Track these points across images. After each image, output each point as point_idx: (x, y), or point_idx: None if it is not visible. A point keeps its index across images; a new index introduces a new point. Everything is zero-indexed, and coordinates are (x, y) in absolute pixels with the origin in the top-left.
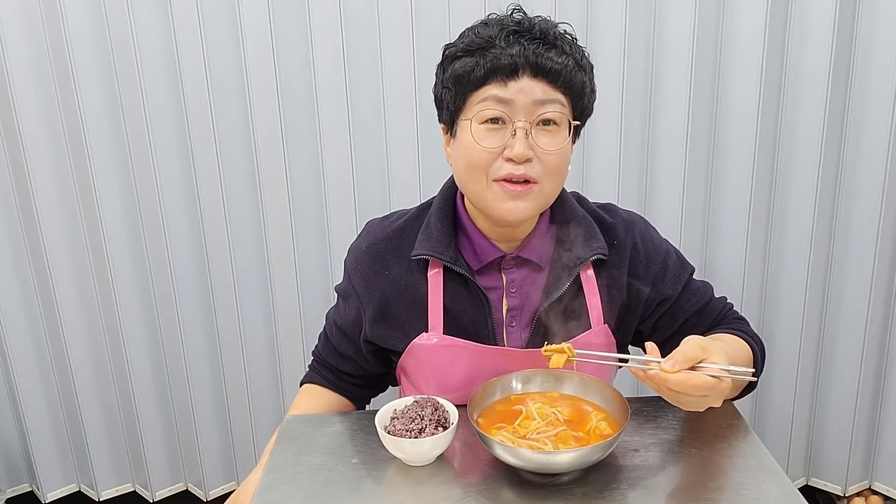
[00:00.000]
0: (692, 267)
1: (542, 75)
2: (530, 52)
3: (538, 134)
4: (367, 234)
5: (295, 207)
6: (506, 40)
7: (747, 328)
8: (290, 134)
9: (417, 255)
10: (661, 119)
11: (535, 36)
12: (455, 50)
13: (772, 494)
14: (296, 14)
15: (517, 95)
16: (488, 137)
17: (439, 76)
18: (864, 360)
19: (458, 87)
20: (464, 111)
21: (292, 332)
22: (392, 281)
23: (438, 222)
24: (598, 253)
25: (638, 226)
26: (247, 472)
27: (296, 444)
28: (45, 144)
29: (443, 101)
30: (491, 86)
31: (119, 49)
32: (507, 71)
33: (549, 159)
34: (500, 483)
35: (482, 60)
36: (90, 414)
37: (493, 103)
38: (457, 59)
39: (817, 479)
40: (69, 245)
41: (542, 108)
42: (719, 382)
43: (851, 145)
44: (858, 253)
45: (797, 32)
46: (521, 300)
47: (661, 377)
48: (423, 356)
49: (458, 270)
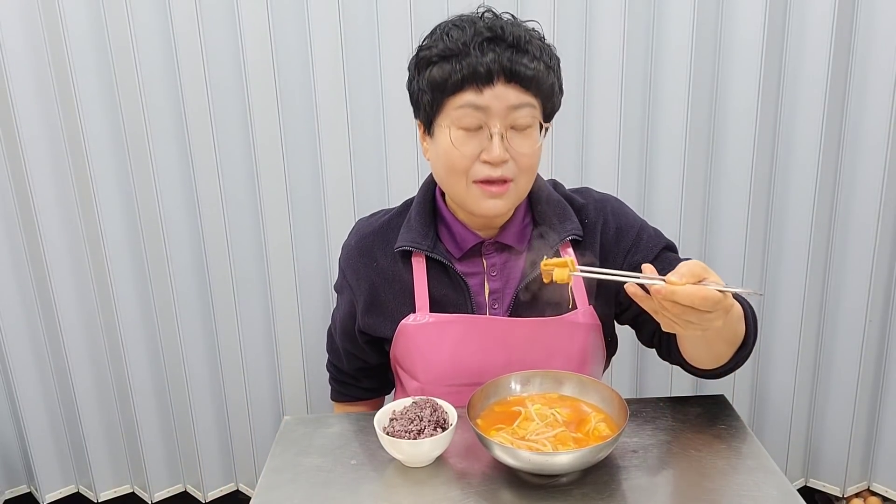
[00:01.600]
0: (670, 241)
1: (516, 81)
2: (504, 59)
3: (512, 136)
4: (356, 231)
5: (294, 212)
6: (480, 47)
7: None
8: (289, 138)
9: (399, 247)
10: (660, 118)
11: (509, 42)
12: (430, 54)
13: (770, 495)
14: (295, 19)
15: (492, 102)
16: (467, 143)
17: (414, 76)
18: (862, 360)
19: (434, 92)
20: (441, 115)
21: (291, 333)
22: (380, 271)
23: (418, 215)
24: (572, 233)
25: (610, 203)
26: (246, 473)
27: (295, 446)
28: (44, 149)
29: (420, 102)
30: (467, 92)
31: (118, 53)
32: (483, 79)
33: (524, 160)
34: (499, 484)
35: (458, 66)
36: (89, 415)
37: (471, 110)
38: (433, 65)
39: (816, 480)
40: (68, 247)
41: (515, 113)
42: (724, 298)
43: (850, 145)
44: (857, 253)
45: (796, 32)
46: (501, 283)
47: (668, 290)
48: (411, 336)
49: (436, 258)
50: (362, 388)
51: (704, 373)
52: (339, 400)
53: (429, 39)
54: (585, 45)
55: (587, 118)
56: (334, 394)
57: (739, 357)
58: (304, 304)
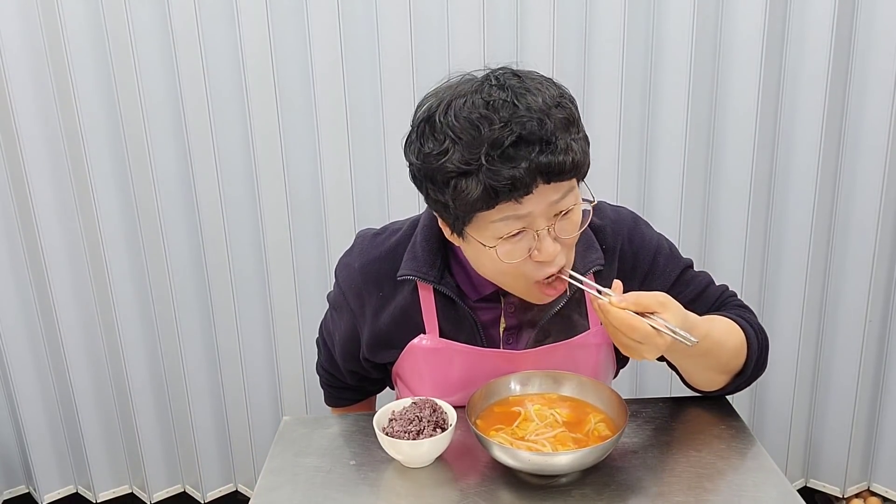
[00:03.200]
0: (687, 260)
1: (556, 178)
2: (539, 161)
3: (559, 225)
4: (360, 252)
5: (293, 214)
6: (505, 156)
7: (748, 315)
8: (288, 140)
9: (402, 275)
10: (660, 119)
11: (535, 139)
12: (445, 166)
13: (770, 496)
14: (294, 19)
15: (535, 207)
16: (514, 252)
17: (422, 181)
18: (862, 360)
19: (463, 211)
20: (473, 227)
21: (290, 333)
22: (385, 302)
23: (424, 241)
24: (596, 265)
25: (626, 224)
26: (244, 473)
27: (294, 446)
28: (42, 149)
29: (442, 210)
30: (504, 205)
31: (117, 53)
32: (522, 191)
33: (571, 240)
34: (499, 485)
35: (487, 181)
36: (87, 415)
37: (513, 222)
38: (452, 178)
39: (816, 481)
40: (66, 247)
41: (558, 206)
42: (657, 336)
43: (850, 145)
44: (857, 253)
45: (796, 32)
46: (518, 320)
47: (604, 307)
48: (420, 357)
49: (444, 292)
50: (364, 392)
51: (702, 392)
52: (336, 405)
53: (431, 136)
54: (585, 46)
55: (587, 120)
56: (331, 399)
57: (738, 384)
58: (303, 305)
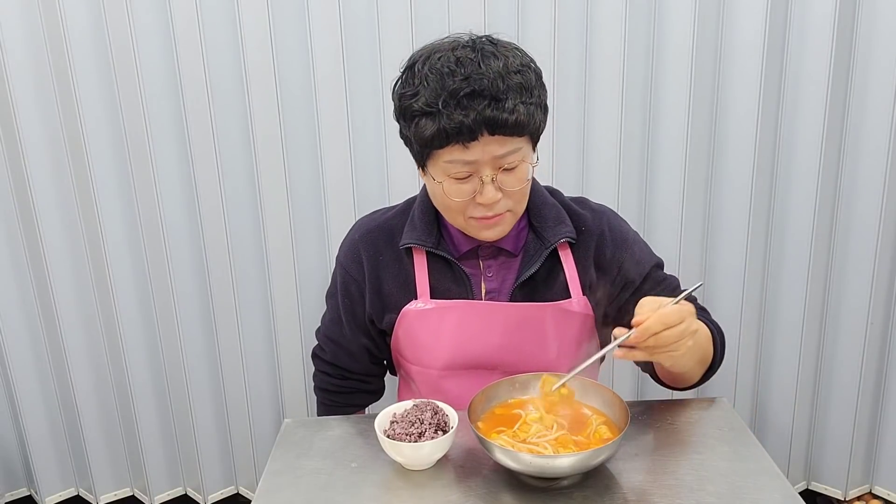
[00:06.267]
0: (659, 259)
1: (500, 131)
2: (486, 114)
3: (502, 176)
4: (359, 227)
5: (294, 213)
6: (460, 105)
7: (709, 317)
8: (289, 139)
9: (405, 244)
10: (661, 123)
11: (488, 95)
12: (412, 106)
13: (772, 498)
14: (296, 18)
15: (480, 155)
16: (459, 191)
17: (399, 118)
18: (864, 364)
19: (421, 144)
20: (430, 163)
21: (291, 335)
22: (385, 265)
23: (422, 214)
24: (566, 236)
25: (607, 215)
26: (246, 476)
27: (295, 448)
28: (44, 149)
29: (409, 145)
30: (453, 148)
31: (119, 53)
32: (467, 136)
33: (517, 193)
34: (500, 487)
35: (441, 124)
36: (89, 418)
37: (459, 165)
38: (416, 117)
39: (818, 484)
40: (68, 248)
41: (503, 160)
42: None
43: (851, 149)
44: (858, 257)
45: (796, 36)
46: (497, 283)
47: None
48: (412, 322)
49: (440, 254)
50: (367, 393)
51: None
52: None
53: (409, 80)
54: (586, 51)
55: (587, 125)
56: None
57: (706, 377)
58: (305, 306)
